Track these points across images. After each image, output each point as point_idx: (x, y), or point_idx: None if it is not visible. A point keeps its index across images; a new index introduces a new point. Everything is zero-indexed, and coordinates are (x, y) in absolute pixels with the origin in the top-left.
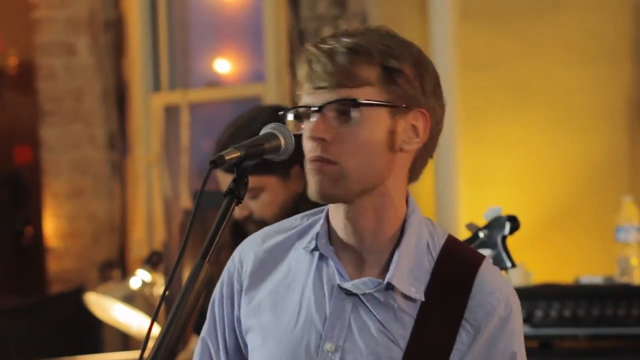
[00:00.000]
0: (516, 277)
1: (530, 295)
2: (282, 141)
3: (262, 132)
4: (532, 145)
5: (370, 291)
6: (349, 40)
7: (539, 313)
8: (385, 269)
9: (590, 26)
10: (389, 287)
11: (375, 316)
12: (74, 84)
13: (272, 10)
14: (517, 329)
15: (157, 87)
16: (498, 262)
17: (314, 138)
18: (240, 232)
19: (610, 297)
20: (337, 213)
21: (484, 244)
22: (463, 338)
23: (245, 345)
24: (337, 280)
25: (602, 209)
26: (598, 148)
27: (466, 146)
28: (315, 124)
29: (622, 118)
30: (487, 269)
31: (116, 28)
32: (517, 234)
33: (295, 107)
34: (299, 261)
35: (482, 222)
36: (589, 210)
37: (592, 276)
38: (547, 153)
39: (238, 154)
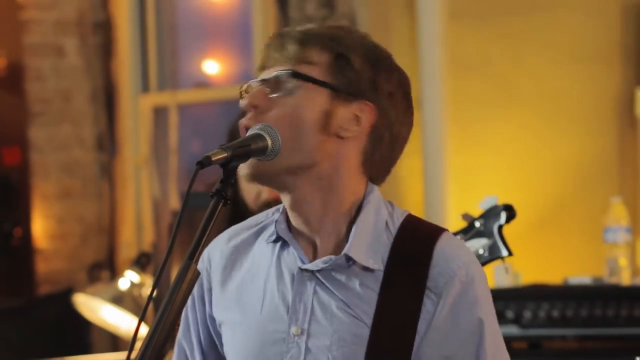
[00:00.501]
0: (505, 278)
1: (519, 296)
2: (269, 142)
3: (249, 133)
4: (521, 146)
5: (327, 265)
6: (305, 28)
7: (527, 314)
8: (341, 247)
9: (579, 27)
10: (348, 260)
11: (336, 295)
12: (62, 85)
13: (260, 12)
14: (482, 296)
15: (145, 88)
16: (495, 251)
17: (247, 105)
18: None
19: (599, 297)
20: (284, 199)
21: (480, 234)
22: (428, 307)
23: (221, 342)
24: (298, 263)
25: (591, 209)
26: (587, 149)
27: (455, 146)
28: (251, 93)
29: (611, 119)
30: (446, 239)
31: (105, 29)
32: (505, 234)
33: (245, 84)
34: (262, 253)
35: (476, 214)
36: (578, 211)
37: (581, 277)
38: (536, 154)
39: (225, 154)
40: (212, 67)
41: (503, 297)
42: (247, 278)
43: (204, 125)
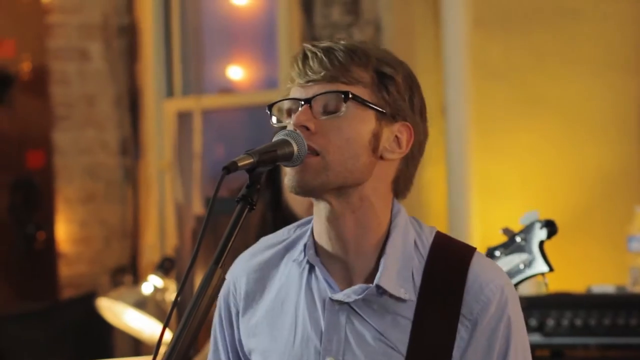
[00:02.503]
0: (529, 286)
1: (542, 304)
2: (295, 148)
3: (274, 139)
4: (544, 154)
5: (360, 297)
6: (347, 42)
7: (550, 322)
8: (373, 274)
9: (603, 36)
10: (379, 290)
11: (370, 324)
12: (86, 89)
13: (285, 17)
14: (515, 317)
15: (170, 93)
16: (535, 266)
17: (298, 126)
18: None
19: (622, 306)
20: (318, 219)
21: (521, 249)
22: (462, 333)
23: None
24: (328, 293)
25: (614, 218)
26: (610, 157)
27: (478, 155)
28: (300, 114)
29: (634, 128)
30: (478, 261)
31: (129, 33)
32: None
33: (284, 99)
34: (290, 276)
35: (497, 231)
36: (601, 220)
37: (604, 285)
38: (559, 162)
39: (251, 160)
40: (236, 72)
41: (526, 305)
42: (276, 304)
43: (227, 131)
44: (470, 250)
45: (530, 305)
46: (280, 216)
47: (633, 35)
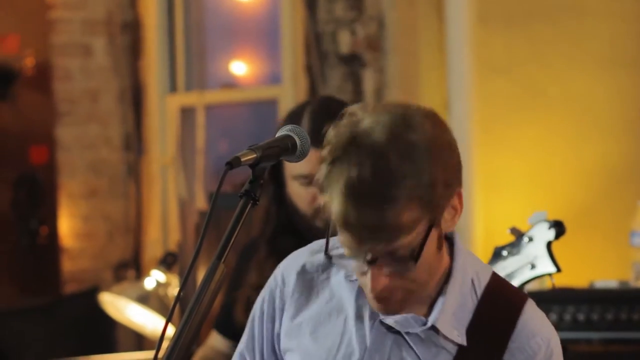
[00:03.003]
0: (531, 282)
1: (545, 299)
2: (299, 143)
3: (278, 134)
4: (548, 149)
5: (413, 331)
6: (381, 185)
7: (553, 317)
8: (429, 307)
9: (607, 31)
10: (432, 328)
11: (415, 353)
12: (90, 85)
13: (288, 13)
14: None
15: (173, 88)
16: (543, 267)
17: (380, 298)
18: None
19: (625, 301)
20: None
21: (528, 249)
22: None
23: None
24: (380, 315)
25: (617, 213)
26: (613, 152)
27: (482, 149)
28: (376, 281)
29: (638, 123)
30: (529, 311)
31: (133, 29)
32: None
33: (353, 257)
34: (342, 287)
35: (500, 226)
36: (604, 215)
37: (607, 280)
38: (562, 157)
39: (254, 155)
40: (239, 67)
41: None
42: (324, 311)
43: (231, 126)
44: (524, 298)
45: (533, 299)
46: (284, 210)
47: (636, 31)
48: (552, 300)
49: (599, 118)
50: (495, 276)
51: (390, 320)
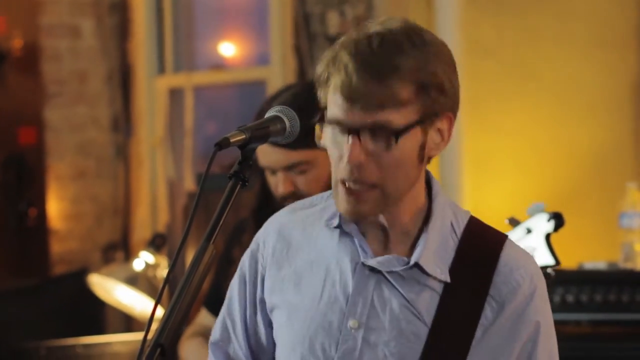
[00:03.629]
0: None
1: None
2: (287, 124)
3: (267, 115)
4: (537, 131)
5: (396, 269)
6: (385, 54)
7: None
8: (412, 247)
9: (596, 12)
10: (415, 266)
11: (399, 291)
12: (78, 66)
13: None
14: (542, 306)
15: (161, 69)
16: (541, 259)
17: (351, 163)
18: (264, 211)
19: (614, 282)
20: None
21: (526, 240)
22: (487, 313)
23: (271, 325)
24: (361, 257)
25: (606, 194)
26: (602, 134)
27: (471, 131)
28: (352, 151)
29: (626, 104)
30: (511, 246)
31: (121, 10)
32: (520, 219)
33: (332, 121)
34: (323, 237)
35: (488, 209)
36: (593, 196)
37: (596, 262)
38: (551, 139)
39: (243, 136)
40: (228, 49)
41: None
42: (306, 263)
43: (219, 107)
44: (503, 236)
45: None
46: (275, 198)
47: (625, 14)
48: None
49: (588, 99)
50: (473, 218)
51: (372, 261)
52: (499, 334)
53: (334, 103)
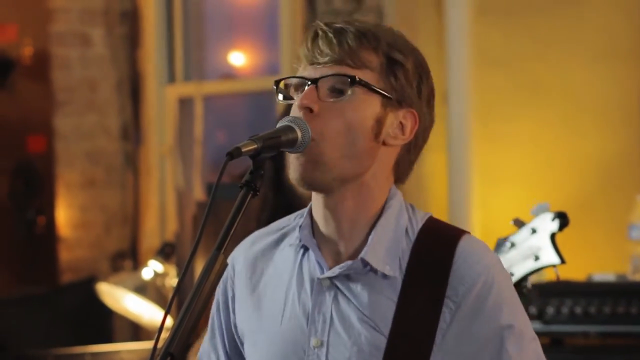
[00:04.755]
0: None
1: (542, 292)
2: (299, 134)
3: (278, 125)
4: (546, 142)
5: (345, 272)
6: (359, 24)
7: (550, 310)
8: (361, 250)
9: (605, 23)
10: (364, 264)
11: (355, 304)
12: (88, 74)
13: (288, 4)
14: (504, 300)
15: (171, 78)
16: (547, 258)
17: (301, 106)
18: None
19: (623, 294)
20: (317, 203)
21: (531, 240)
22: (446, 316)
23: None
24: (318, 274)
25: (615, 206)
26: (612, 146)
27: (480, 143)
28: (305, 93)
29: (636, 116)
30: (466, 243)
31: (131, 19)
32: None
33: (291, 76)
34: (285, 259)
35: (498, 219)
36: (602, 208)
37: (605, 274)
38: (560, 150)
39: (255, 146)
40: (238, 58)
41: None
42: (268, 286)
43: (229, 117)
44: (460, 232)
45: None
46: (281, 198)
47: (635, 23)
48: (550, 293)
49: (598, 111)
50: (432, 219)
51: (327, 273)
52: (460, 335)
53: (300, 70)
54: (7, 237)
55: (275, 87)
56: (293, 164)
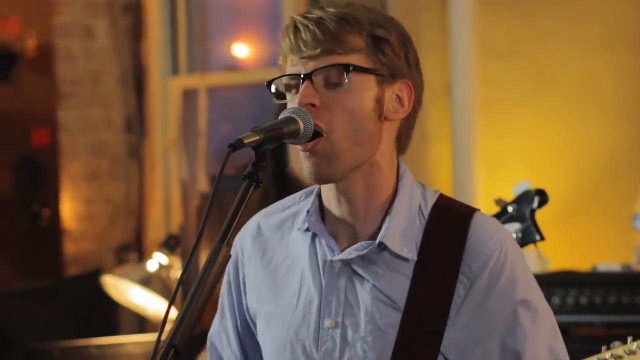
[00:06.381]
0: (534, 264)
1: (547, 282)
2: (301, 125)
3: (281, 116)
4: (550, 132)
5: (361, 253)
6: (336, 10)
7: (555, 300)
8: (378, 232)
9: (609, 14)
10: (381, 247)
11: (370, 282)
12: (92, 67)
13: None
14: (519, 274)
15: (175, 70)
16: (527, 235)
17: (302, 104)
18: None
19: (628, 284)
20: (328, 189)
21: (513, 218)
22: (460, 292)
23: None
24: (329, 256)
25: (619, 196)
26: (616, 136)
27: (484, 133)
28: (303, 90)
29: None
30: (479, 220)
31: (135, 11)
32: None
33: (282, 75)
34: (296, 242)
35: (509, 199)
36: (606, 198)
37: (610, 264)
38: (564, 140)
39: (257, 137)
40: (241, 50)
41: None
42: (282, 269)
43: (233, 108)
44: (472, 210)
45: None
46: (283, 190)
47: (638, 15)
48: (555, 283)
49: (602, 100)
50: (442, 196)
51: (339, 255)
52: (474, 310)
53: (289, 67)
54: (12, 230)
55: (268, 88)
56: (307, 164)
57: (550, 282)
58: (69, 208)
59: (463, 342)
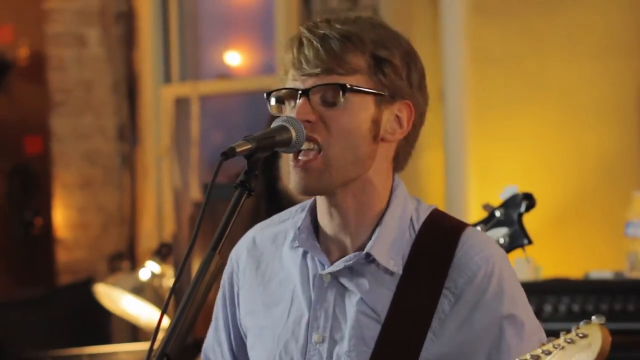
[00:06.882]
0: (526, 272)
1: (539, 290)
2: (294, 134)
3: (273, 125)
4: (543, 139)
5: (348, 264)
6: (341, 27)
7: (548, 307)
8: (367, 244)
9: (601, 21)
10: (369, 258)
11: (357, 295)
12: (84, 75)
13: (283, 3)
14: (507, 289)
15: (167, 79)
16: (515, 240)
17: (300, 121)
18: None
19: (620, 292)
20: (321, 203)
21: (501, 223)
22: (444, 306)
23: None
24: (319, 271)
25: (612, 203)
26: (608, 143)
27: (476, 140)
28: (300, 107)
29: (632, 113)
30: (469, 235)
31: (127, 20)
32: (526, 227)
33: (282, 88)
34: (289, 257)
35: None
36: (599, 205)
37: (602, 271)
38: (557, 147)
39: (249, 146)
40: (234, 58)
41: (524, 291)
42: (275, 282)
43: (225, 117)
44: (463, 225)
45: (527, 290)
46: (274, 206)
47: (631, 20)
48: (547, 290)
49: (594, 108)
50: (435, 211)
51: (329, 268)
52: (457, 326)
53: (289, 81)
54: (4, 239)
55: (267, 99)
56: (296, 177)
57: (543, 290)
58: (62, 216)
59: (449, 357)
